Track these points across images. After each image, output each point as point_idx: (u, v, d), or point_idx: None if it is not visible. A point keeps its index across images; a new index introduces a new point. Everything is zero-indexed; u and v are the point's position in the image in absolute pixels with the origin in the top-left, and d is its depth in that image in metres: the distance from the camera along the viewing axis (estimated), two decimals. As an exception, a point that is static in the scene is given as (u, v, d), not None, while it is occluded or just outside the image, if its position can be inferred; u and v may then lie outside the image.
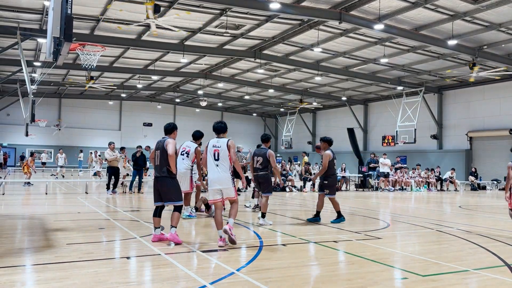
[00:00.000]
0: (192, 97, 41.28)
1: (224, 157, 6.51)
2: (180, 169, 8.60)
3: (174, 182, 6.57)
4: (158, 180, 6.56)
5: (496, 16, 17.56)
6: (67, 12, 6.26)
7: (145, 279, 4.71)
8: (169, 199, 6.51)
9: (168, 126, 6.94)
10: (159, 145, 6.67)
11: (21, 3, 17.50)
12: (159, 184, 6.55)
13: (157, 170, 6.63)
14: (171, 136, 6.81)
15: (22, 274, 4.88)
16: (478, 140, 29.56)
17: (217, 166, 6.52)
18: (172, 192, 6.51)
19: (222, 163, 6.52)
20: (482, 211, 12.91)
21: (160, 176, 6.55)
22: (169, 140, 6.60)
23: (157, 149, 6.67)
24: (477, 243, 7.13)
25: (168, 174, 6.49)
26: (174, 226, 6.42)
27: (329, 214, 11.18)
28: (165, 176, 6.50)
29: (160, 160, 6.56)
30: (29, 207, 11.55)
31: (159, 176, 6.56)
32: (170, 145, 6.48)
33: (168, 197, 6.51)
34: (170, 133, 6.85)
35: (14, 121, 38.83)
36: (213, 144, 6.66)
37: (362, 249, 6.42)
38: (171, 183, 6.52)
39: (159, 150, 6.61)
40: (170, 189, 6.50)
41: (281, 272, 5.03)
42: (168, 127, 6.92)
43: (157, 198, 6.62)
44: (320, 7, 17.13)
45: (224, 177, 6.48)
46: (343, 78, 29.54)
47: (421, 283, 4.69)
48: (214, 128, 6.82)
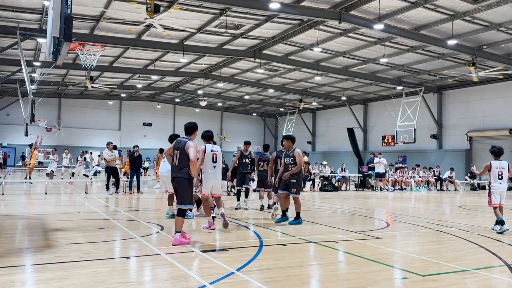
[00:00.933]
0: (192, 97, 41.27)
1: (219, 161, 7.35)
2: (165, 171, 8.93)
3: (190, 185, 6.54)
4: (175, 180, 6.54)
5: (496, 16, 17.56)
6: (66, 12, 6.25)
7: (145, 279, 4.71)
8: (180, 202, 6.51)
9: (188, 126, 6.79)
10: (179, 145, 6.54)
11: (21, 3, 17.49)
12: (175, 183, 6.56)
13: (174, 170, 6.55)
14: (191, 137, 6.72)
15: (21, 274, 4.88)
16: (478, 140, 29.55)
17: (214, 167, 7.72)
18: (185, 195, 6.49)
19: (218, 166, 7.37)
20: (481, 210, 12.91)
21: (177, 176, 6.50)
22: (190, 144, 6.46)
23: (177, 149, 6.55)
24: (477, 243, 7.14)
25: (187, 176, 6.45)
26: (178, 232, 6.37)
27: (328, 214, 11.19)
28: (183, 177, 6.46)
29: (180, 161, 6.47)
30: (29, 207, 11.55)
31: (176, 177, 6.52)
32: (191, 150, 6.38)
33: (180, 199, 6.51)
34: (190, 133, 6.75)
35: (13, 121, 38.83)
36: (211, 149, 7.77)
37: (361, 249, 6.42)
38: (187, 186, 6.50)
39: (179, 151, 6.50)
40: (184, 191, 6.49)
41: (281, 272, 5.03)
42: (189, 127, 6.78)
43: None
44: (319, 7, 17.12)
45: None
46: (343, 78, 29.54)
47: (421, 283, 4.69)
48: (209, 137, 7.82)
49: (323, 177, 21.37)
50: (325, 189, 20.24)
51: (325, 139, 43.49)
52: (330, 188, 20.37)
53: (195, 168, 6.46)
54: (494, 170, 8.54)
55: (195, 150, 6.43)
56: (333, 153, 40.76)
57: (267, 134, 51.61)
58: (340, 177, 21.94)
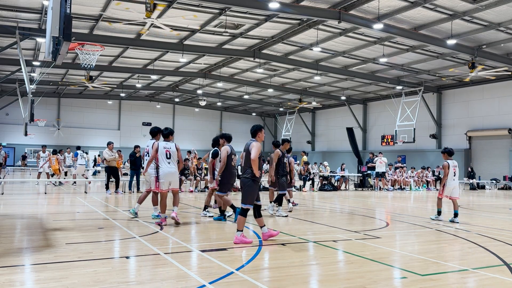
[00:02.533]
0: (191, 96, 41.26)
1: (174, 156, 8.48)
2: (174, 170, 8.78)
3: (253, 185, 6.72)
4: (241, 180, 6.86)
5: (495, 15, 17.56)
6: (66, 12, 6.24)
7: (144, 278, 4.70)
8: (243, 201, 6.74)
9: (253, 129, 7.03)
10: (245, 147, 6.89)
11: (20, 2, 17.47)
12: (241, 183, 6.84)
13: (241, 171, 6.92)
14: (256, 139, 6.93)
15: (21, 274, 4.87)
16: (477, 139, 29.58)
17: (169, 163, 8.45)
18: (248, 195, 6.71)
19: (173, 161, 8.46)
20: (481, 210, 12.92)
21: (243, 177, 6.81)
22: (253, 144, 6.74)
23: (245, 151, 6.90)
24: (476, 242, 7.14)
25: (251, 176, 6.67)
26: (240, 230, 6.59)
27: (327, 214, 11.21)
28: (248, 177, 6.71)
29: (245, 162, 6.80)
30: (28, 206, 11.54)
31: (242, 177, 6.83)
32: (253, 149, 6.65)
33: (243, 198, 6.75)
34: (255, 135, 6.97)
35: (13, 120, 38.82)
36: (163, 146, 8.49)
37: (361, 249, 6.42)
38: (250, 185, 6.70)
39: (245, 152, 6.85)
40: (247, 191, 6.72)
41: (281, 272, 5.03)
42: (253, 130, 7.02)
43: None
44: (319, 6, 17.12)
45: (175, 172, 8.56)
46: (342, 77, 29.54)
47: (420, 283, 4.69)
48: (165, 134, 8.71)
49: (323, 177, 21.38)
50: (324, 189, 20.24)
51: (324, 139, 43.50)
52: (330, 188, 20.37)
53: (256, 166, 6.65)
54: (451, 169, 9.85)
55: (257, 149, 6.67)
56: (332, 153, 40.78)
57: (266, 134, 51.61)
58: (340, 177, 21.95)
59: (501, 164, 27.67)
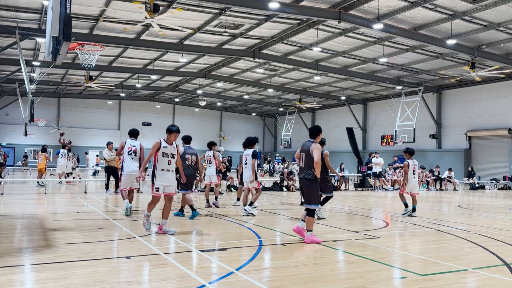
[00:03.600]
0: (191, 96, 41.28)
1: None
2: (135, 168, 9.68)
3: (316, 186, 6.86)
4: (302, 181, 6.99)
5: (495, 15, 17.57)
6: (66, 12, 6.24)
7: (144, 278, 4.70)
8: (307, 202, 6.85)
9: (313, 130, 7.16)
10: (304, 147, 6.99)
11: (20, 2, 17.47)
12: (302, 184, 7.02)
13: (301, 172, 7.01)
14: (316, 140, 7.04)
15: (21, 274, 4.87)
16: (477, 139, 29.58)
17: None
18: (312, 196, 6.83)
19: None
20: (481, 210, 12.92)
21: (303, 177, 6.91)
22: (314, 146, 6.84)
23: (302, 151, 6.99)
24: (476, 242, 7.14)
25: (313, 177, 6.80)
26: (309, 230, 6.72)
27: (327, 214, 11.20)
28: (310, 178, 6.82)
29: (305, 163, 6.89)
30: (28, 206, 11.54)
31: (302, 178, 6.95)
32: (316, 151, 6.76)
33: (307, 199, 6.87)
34: (315, 136, 7.08)
35: (13, 120, 38.81)
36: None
37: (361, 249, 6.42)
38: (313, 186, 6.83)
39: (304, 153, 6.92)
40: (311, 191, 6.84)
41: (281, 272, 5.03)
42: (313, 131, 7.14)
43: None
44: (319, 6, 17.12)
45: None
46: (342, 77, 29.55)
47: (420, 283, 4.69)
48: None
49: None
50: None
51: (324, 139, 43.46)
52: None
53: (319, 169, 6.78)
54: (410, 167, 10.68)
55: (319, 152, 6.79)
56: (332, 153, 40.41)
57: (266, 134, 51.62)
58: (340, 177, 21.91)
59: (501, 164, 27.67)
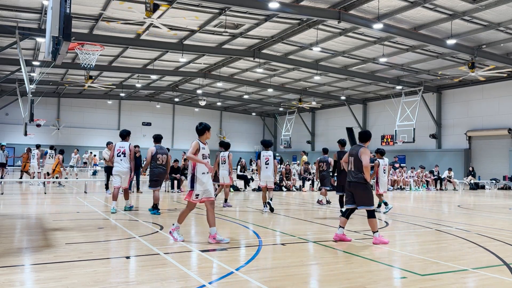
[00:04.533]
0: (191, 96, 41.26)
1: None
2: (122, 168, 10.14)
3: (367, 188, 6.99)
4: (351, 184, 7.03)
5: (495, 15, 17.57)
6: (65, 12, 6.24)
7: (144, 278, 4.70)
8: (363, 204, 6.95)
9: (363, 135, 7.32)
10: (353, 151, 7.12)
11: (20, 2, 17.46)
12: (352, 188, 7.03)
13: (351, 175, 7.08)
14: (365, 144, 7.20)
15: (21, 274, 4.87)
16: (477, 139, 29.58)
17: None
18: (366, 197, 6.96)
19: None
20: (481, 210, 12.92)
21: (353, 181, 6.99)
22: (363, 150, 6.98)
23: (351, 155, 7.13)
24: (476, 242, 7.14)
25: (363, 181, 6.92)
26: (375, 231, 6.82)
27: (327, 214, 11.21)
28: (360, 182, 6.93)
29: (355, 166, 7.01)
30: (28, 206, 11.54)
31: (352, 181, 7.01)
32: (364, 156, 6.90)
33: (362, 202, 6.96)
34: (365, 141, 7.26)
35: (12, 120, 38.78)
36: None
37: (361, 249, 6.42)
38: (365, 189, 6.96)
39: (353, 157, 7.06)
40: (364, 194, 6.95)
41: (281, 272, 5.03)
42: (364, 136, 7.31)
43: (350, 201, 7.08)
44: (319, 6, 17.12)
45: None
46: (342, 77, 29.54)
47: (420, 282, 4.70)
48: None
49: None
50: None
51: (324, 139, 43.46)
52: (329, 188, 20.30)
53: (369, 173, 6.94)
54: (381, 167, 11.15)
55: (367, 156, 6.93)
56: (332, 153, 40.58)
57: (266, 134, 51.60)
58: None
59: (501, 164, 27.68)
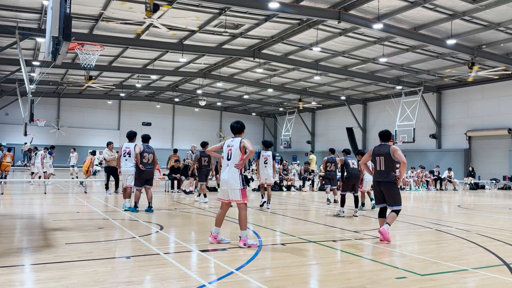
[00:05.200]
0: (191, 96, 41.27)
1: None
2: (127, 168, 10.33)
3: (396, 187, 7.10)
4: (381, 184, 7.12)
5: (495, 15, 17.57)
6: (65, 12, 6.24)
7: (144, 278, 4.70)
8: (395, 204, 7.07)
9: (385, 134, 7.46)
10: (381, 151, 7.22)
11: (20, 2, 17.46)
12: (382, 187, 7.12)
13: (380, 174, 7.15)
14: (390, 142, 7.32)
15: (21, 274, 4.88)
16: (477, 139, 29.59)
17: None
18: (395, 197, 7.08)
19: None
20: (481, 210, 12.92)
21: (383, 181, 7.09)
22: (395, 148, 7.12)
23: (380, 155, 7.20)
24: (476, 242, 7.14)
25: (394, 180, 7.06)
26: (389, 224, 6.97)
27: (327, 214, 11.21)
28: (391, 181, 7.05)
29: (386, 166, 7.11)
30: (28, 206, 11.54)
31: (382, 181, 7.10)
32: (398, 153, 7.06)
33: (392, 201, 7.07)
34: (388, 139, 7.36)
35: (12, 120, 38.81)
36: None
37: (361, 249, 6.42)
38: (395, 188, 7.07)
39: (383, 156, 7.15)
40: (394, 194, 7.07)
41: (281, 272, 5.04)
42: (386, 134, 7.44)
43: (381, 201, 7.21)
44: (319, 6, 17.12)
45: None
46: (342, 77, 29.55)
47: (420, 282, 4.70)
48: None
49: (322, 177, 21.32)
50: (324, 189, 20.17)
51: (324, 139, 43.50)
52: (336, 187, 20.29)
53: (405, 169, 7.08)
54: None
55: (401, 152, 7.04)
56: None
57: (266, 134, 51.61)
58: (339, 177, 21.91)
59: (501, 164, 27.68)
